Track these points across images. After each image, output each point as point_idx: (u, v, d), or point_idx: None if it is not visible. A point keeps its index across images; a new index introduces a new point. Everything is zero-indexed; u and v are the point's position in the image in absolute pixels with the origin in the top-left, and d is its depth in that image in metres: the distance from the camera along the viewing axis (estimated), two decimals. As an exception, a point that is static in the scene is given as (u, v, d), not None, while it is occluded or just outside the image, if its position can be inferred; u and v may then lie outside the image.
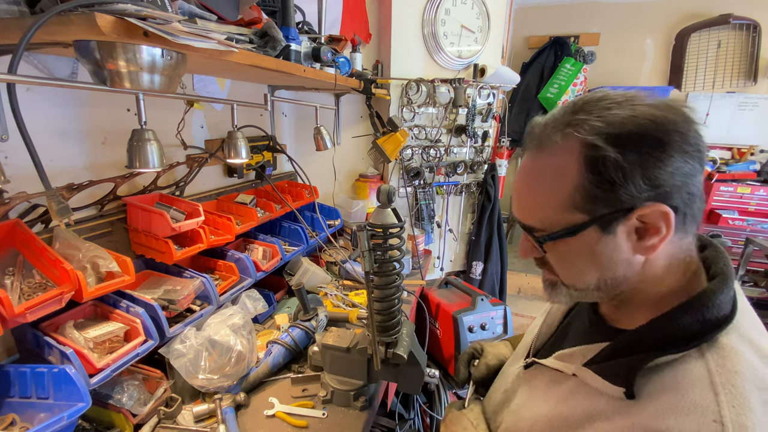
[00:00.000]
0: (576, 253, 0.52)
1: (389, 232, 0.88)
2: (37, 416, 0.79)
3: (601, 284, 0.52)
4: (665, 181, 0.45)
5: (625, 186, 0.45)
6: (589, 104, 0.49)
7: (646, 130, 0.45)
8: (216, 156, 1.44)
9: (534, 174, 0.53)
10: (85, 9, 0.56)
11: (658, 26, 3.03)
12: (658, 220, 0.47)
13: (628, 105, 0.47)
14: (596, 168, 0.46)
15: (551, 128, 0.50)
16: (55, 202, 0.74)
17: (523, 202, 0.55)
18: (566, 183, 0.49)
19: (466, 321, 1.92)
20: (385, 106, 2.21)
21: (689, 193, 0.47)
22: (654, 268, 0.51)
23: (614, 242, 0.49)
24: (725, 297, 0.48)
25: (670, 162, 0.45)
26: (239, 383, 1.11)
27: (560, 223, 0.51)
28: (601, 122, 0.46)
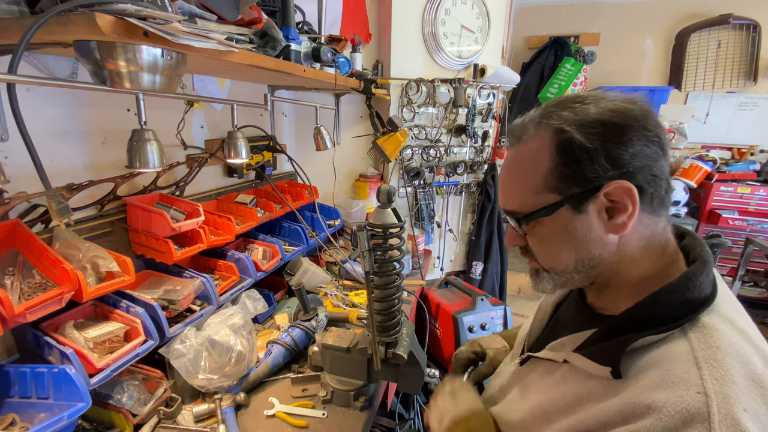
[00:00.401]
0: (552, 233, 0.56)
1: (389, 232, 0.88)
2: (37, 416, 0.79)
3: (579, 265, 0.56)
4: (627, 162, 0.50)
5: (591, 165, 0.50)
6: (563, 101, 0.55)
7: (607, 117, 0.51)
8: (216, 156, 1.44)
9: (514, 163, 0.59)
10: (85, 9, 0.56)
11: (658, 26, 3.03)
12: (623, 197, 0.50)
13: (593, 101, 0.53)
14: (564, 149, 0.52)
15: (528, 122, 0.57)
16: (55, 202, 0.74)
17: (506, 189, 0.60)
18: (540, 166, 0.54)
19: (466, 321, 1.92)
20: (385, 106, 2.21)
21: (653, 175, 0.51)
22: (629, 249, 0.54)
23: (587, 221, 0.53)
24: (705, 279, 0.51)
25: (631, 144, 0.50)
26: (239, 383, 1.11)
27: (537, 204, 0.55)
28: (569, 113, 0.52)
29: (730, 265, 2.83)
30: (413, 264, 2.15)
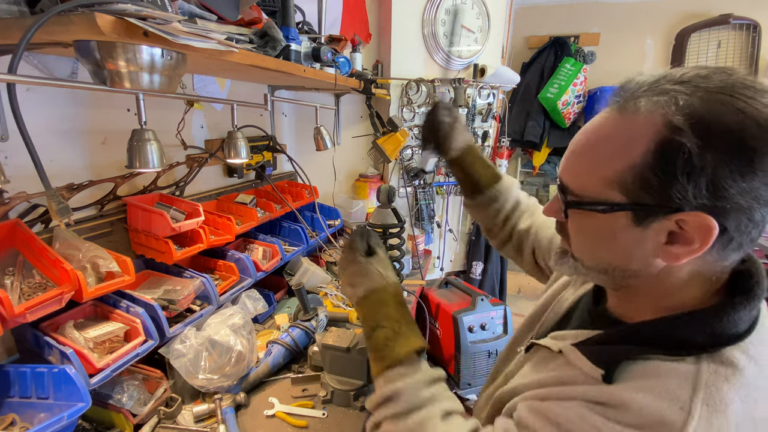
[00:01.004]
0: (597, 230, 0.48)
1: (389, 232, 0.88)
2: (37, 416, 0.79)
3: (610, 270, 0.49)
4: (731, 197, 0.39)
5: (684, 185, 0.40)
6: (700, 78, 0.41)
7: (744, 131, 0.38)
8: (216, 156, 1.44)
9: (600, 134, 0.47)
10: (85, 9, 0.56)
11: (658, 26, 3.02)
12: (696, 233, 0.41)
13: (744, 95, 0.39)
14: (666, 154, 0.40)
15: (644, 91, 0.44)
16: (55, 202, 0.74)
17: (574, 158, 0.49)
18: (626, 157, 0.43)
19: (466, 321, 1.92)
20: (385, 106, 2.21)
21: (750, 220, 0.40)
22: (673, 279, 0.47)
23: (641, 236, 0.44)
24: (744, 315, 0.44)
25: (750, 178, 0.38)
26: (239, 383, 1.11)
27: (597, 196, 0.46)
28: (699, 104, 0.39)
29: (730, 265, 2.83)
30: (413, 264, 2.15)
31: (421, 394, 0.57)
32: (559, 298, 0.69)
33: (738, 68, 0.42)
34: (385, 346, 0.61)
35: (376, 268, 0.67)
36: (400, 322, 0.62)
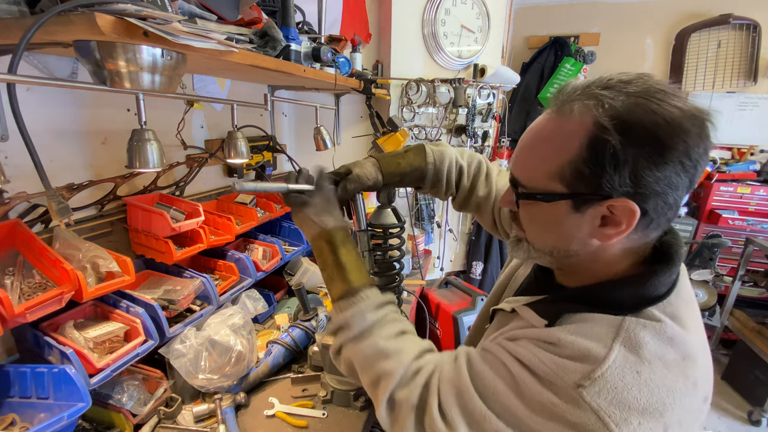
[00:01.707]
0: (543, 217, 0.55)
1: (389, 232, 0.88)
2: (37, 416, 0.79)
3: (554, 251, 0.57)
4: (648, 184, 0.46)
5: (612, 176, 0.47)
6: (622, 84, 0.48)
7: (656, 129, 0.45)
8: (216, 156, 1.44)
9: (542, 133, 0.54)
10: (85, 9, 0.56)
11: (658, 26, 3.02)
12: (622, 215, 0.49)
13: (655, 98, 0.46)
14: (595, 150, 0.47)
15: (577, 95, 0.50)
16: (55, 202, 0.74)
17: (522, 155, 0.56)
18: (564, 153, 0.50)
19: (466, 321, 1.92)
20: (385, 106, 2.21)
21: (665, 203, 0.48)
22: (606, 255, 0.55)
23: (579, 220, 0.52)
24: (664, 280, 0.52)
25: (663, 168, 0.46)
26: (239, 383, 1.11)
27: (542, 188, 0.53)
28: (620, 106, 0.46)
29: (730, 265, 2.83)
30: (413, 264, 2.15)
31: (368, 318, 0.64)
32: (515, 276, 0.78)
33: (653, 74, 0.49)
34: (328, 285, 0.70)
35: (308, 215, 0.71)
36: (332, 267, 0.69)
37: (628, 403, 0.45)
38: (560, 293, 0.59)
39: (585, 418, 0.45)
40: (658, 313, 0.50)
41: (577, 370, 0.47)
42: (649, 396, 0.45)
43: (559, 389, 0.47)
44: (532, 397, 0.48)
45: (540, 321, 0.55)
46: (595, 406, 0.45)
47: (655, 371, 0.46)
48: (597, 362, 0.47)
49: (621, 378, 0.46)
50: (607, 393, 0.45)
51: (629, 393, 0.45)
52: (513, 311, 0.62)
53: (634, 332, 0.48)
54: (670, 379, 0.47)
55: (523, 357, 0.51)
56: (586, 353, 0.48)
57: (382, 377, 0.59)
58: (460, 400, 0.52)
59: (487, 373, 0.53)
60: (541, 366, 0.49)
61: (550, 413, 0.46)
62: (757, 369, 2.42)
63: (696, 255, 2.68)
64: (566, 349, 0.49)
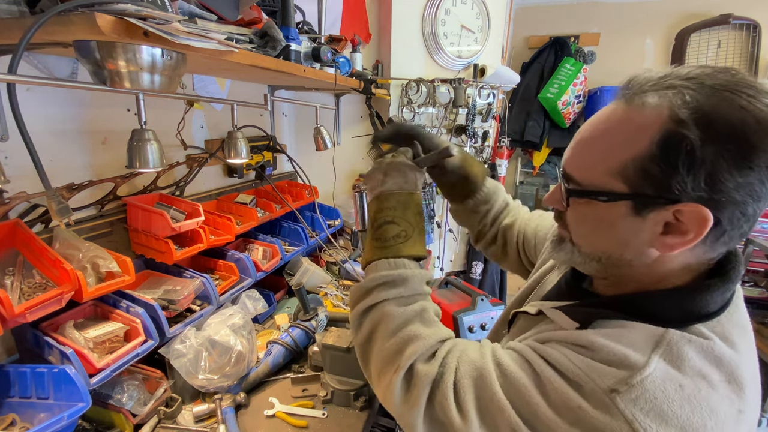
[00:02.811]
0: (597, 219, 0.49)
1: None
2: (37, 416, 0.79)
3: (604, 258, 0.51)
4: (727, 190, 0.40)
5: (684, 177, 0.41)
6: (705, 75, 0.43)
7: (744, 126, 0.39)
8: (216, 156, 1.44)
9: (606, 125, 0.48)
10: (85, 9, 0.56)
11: (658, 26, 3.02)
12: (691, 224, 0.43)
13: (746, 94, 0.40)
14: (669, 146, 0.41)
15: (651, 85, 0.45)
16: (55, 202, 0.74)
17: (579, 148, 0.50)
18: (630, 148, 0.44)
19: (466, 321, 1.91)
20: (385, 106, 2.21)
21: (743, 214, 0.42)
22: (663, 268, 0.48)
23: (639, 225, 0.46)
24: (717, 297, 0.47)
25: (746, 174, 0.40)
26: (239, 383, 1.11)
27: (600, 185, 0.47)
28: (703, 99, 0.41)
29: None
30: (413, 264, 2.14)
31: (424, 287, 0.62)
32: (544, 281, 0.71)
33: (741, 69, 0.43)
34: (395, 240, 0.63)
35: (415, 175, 0.69)
36: (413, 227, 0.65)
37: (667, 418, 0.40)
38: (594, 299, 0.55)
39: (615, 427, 0.40)
40: (707, 331, 0.45)
41: (612, 374, 0.42)
42: (690, 414, 0.40)
43: (589, 393, 0.42)
44: (558, 398, 0.44)
45: (570, 323, 0.51)
46: (629, 416, 0.40)
47: (700, 388, 0.41)
48: (636, 369, 0.42)
49: (662, 389, 0.41)
50: (645, 403, 0.40)
51: (669, 407, 0.40)
52: (539, 314, 0.58)
53: (677, 345, 0.43)
54: (715, 400, 0.41)
55: (550, 357, 0.47)
56: (623, 358, 0.43)
57: (414, 340, 0.55)
58: (478, 382, 0.49)
59: (512, 366, 0.48)
60: (571, 367, 0.45)
61: (576, 417, 0.42)
62: (757, 369, 2.42)
63: (696, 255, 2.68)
64: (600, 353, 0.45)
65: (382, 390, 0.56)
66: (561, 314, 0.53)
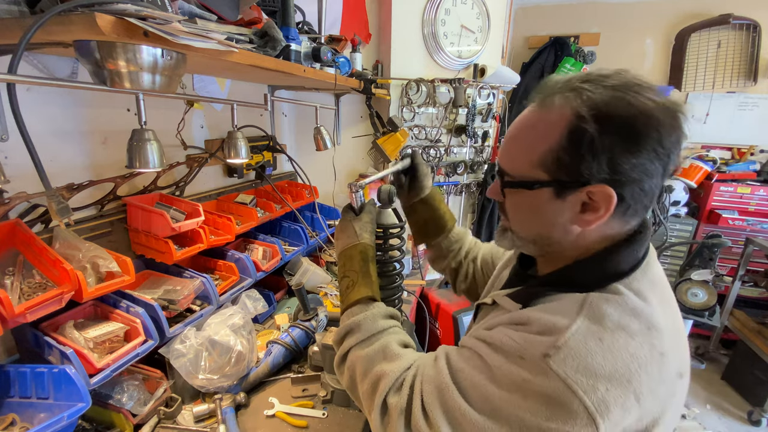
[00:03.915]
0: (527, 205, 0.58)
1: (390, 232, 0.88)
2: (37, 416, 0.79)
3: (537, 239, 0.59)
4: (625, 171, 0.49)
5: (590, 163, 0.49)
6: (600, 78, 0.51)
7: (631, 119, 0.48)
8: (216, 156, 1.44)
9: (526, 124, 0.57)
10: (85, 9, 0.56)
11: (658, 26, 3.02)
12: (601, 201, 0.51)
13: (632, 91, 0.49)
14: (575, 138, 0.50)
15: (558, 88, 0.53)
16: (55, 202, 0.74)
17: (508, 147, 0.59)
18: (545, 142, 0.53)
19: (466, 321, 1.91)
20: (385, 106, 2.21)
21: (641, 189, 0.51)
22: (585, 241, 0.57)
23: (560, 206, 0.54)
24: (626, 256, 0.55)
25: (638, 156, 0.48)
26: (239, 383, 1.11)
27: (525, 176, 0.56)
28: (598, 97, 0.49)
29: (730, 265, 2.82)
30: (413, 264, 2.15)
31: (378, 324, 0.68)
32: (500, 275, 0.81)
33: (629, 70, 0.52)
34: (347, 291, 0.74)
35: (354, 227, 0.79)
36: (358, 274, 0.74)
37: (593, 370, 0.45)
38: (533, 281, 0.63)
39: (554, 387, 0.45)
40: (621, 288, 0.53)
41: (544, 342, 0.48)
42: (613, 362, 0.46)
43: (529, 363, 0.48)
44: (505, 378, 0.49)
45: (515, 306, 0.59)
46: (562, 374, 0.45)
47: (618, 339, 0.48)
48: (561, 332, 0.48)
49: (584, 344, 0.47)
50: (572, 359, 0.46)
51: (593, 359, 0.46)
52: (494, 303, 0.65)
53: (597, 305, 0.50)
54: (634, 346, 0.48)
55: (494, 340, 0.53)
56: (551, 326, 0.50)
57: (381, 379, 0.60)
58: (441, 398, 0.53)
59: (464, 367, 0.54)
60: (512, 343, 0.51)
61: (524, 390, 0.47)
62: (757, 369, 2.42)
63: (696, 255, 2.68)
64: (534, 325, 0.51)
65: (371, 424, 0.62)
66: (507, 299, 0.61)
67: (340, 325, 0.72)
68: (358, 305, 0.71)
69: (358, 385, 0.65)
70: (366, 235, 0.78)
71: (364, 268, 0.74)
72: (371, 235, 0.80)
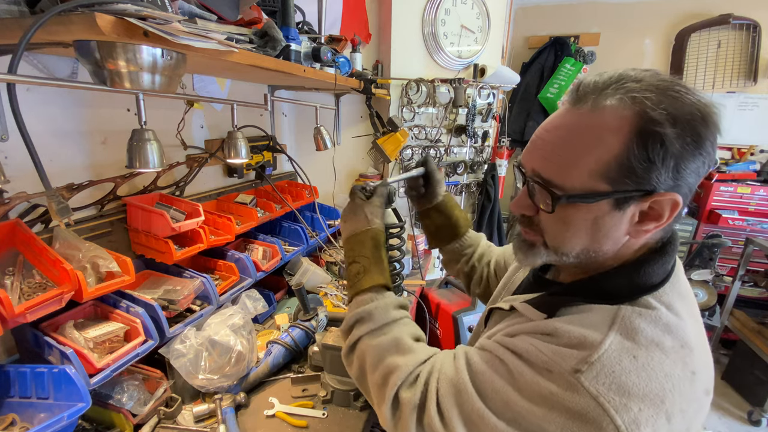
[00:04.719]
0: (579, 219, 0.51)
1: (389, 232, 0.88)
2: (37, 416, 0.79)
3: (583, 254, 0.54)
4: (686, 176, 0.47)
5: (659, 170, 0.46)
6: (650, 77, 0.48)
7: (695, 120, 0.45)
8: (216, 156, 1.44)
9: (574, 128, 0.50)
10: (85, 9, 0.56)
11: (658, 26, 3.02)
12: (665, 208, 0.48)
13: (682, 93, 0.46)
14: (647, 142, 0.45)
15: (609, 89, 0.48)
16: (55, 202, 0.74)
17: (555, 154, 0.51)
18: (607, 148, 0.47)
19: (466, 321, 1.92)
20: (385, 106, 2.21)
21: (690, 191, 0.49)
22: (629, 250, 0.54)
23: (619, 218, 0.50)
24: (657, 268, 0.52)
25: (697, 159, 0.46)
26: (239, 383, 1.11)
27: (584, 188, 0.49)
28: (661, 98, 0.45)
29: (730, 265, 2.82)
30: (413, 264, 2.15)
31: (391, 314, 0.66)
32: (513, 278, 0.77)
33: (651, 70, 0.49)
34: (356, 277, 0.71)
35: (365, 211, 0.76)
36: (370, 260, 0.71)
37: (627, 389, 0.44)
38: (557, 288, 0.59)
39: (584, 404, 0.43)
40: (653, 302, 0.50)
41: (574, 356, 0.46)
42: (647, 381, 0.44)
43: (557, 377, 0.46)
44: (530, 389, 0.47)
45: (538, 315, 0.55)
46: (594, 392, 0.43)
47: (653, 356, 0.46)
48: (593, 347, 0.46)
49: (618, 362, 0.45)
50: (605, 377, 0.44)
51: (627, 378, 0.44)
52: (511, 309, 0.62)
53: (630, 320, 0.48)
54: (668, 365, 0.46)
55: (519, 349, 0.51)
56: (583, 340, 0.47)
57: (393, 372, 0.59)
58: (458, 399, 0.52)
59: (485, 370, 0.52)
60: (539, 355, 0.48)
61: (550, 403, 0.45)
62: (757, 369, 2.42)
63: (696, 255, 2.68)
64: (563, 338, 0.49)
65: (380, 418, 0.60)
66: (530, 307, 0.57)
67: (348, 313, 0.69)
68: (370, 293, 0.68)
69: (368, 376, 0.63)
70: (377, 221, 0.75)
71: (376, 254, 0.71)
72: (382, 220, 0.77)
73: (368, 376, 0.63)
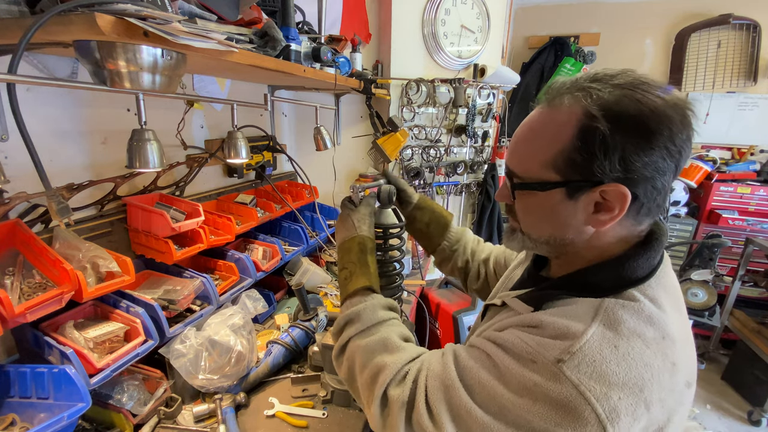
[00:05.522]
0: (539, 207, 0.57)
1: (389, 232, 0.88)
2: (37, 416, 0.79)
3: (551, 240, 0.58)
4: (637, 169, 0.49)
5: (602, 161, 0.49)
6: (608, 77, 0.51)
7: (641, 116, 0.48)
8: (216, 156, 1.44)
9: (536, 126, 0.56)
10: (85, 9, 0.56)
11: (658, 26, 3.02)
12: (615, 200, 0.51)
13: (640, 89, 0.49)
14: (586, 137, 0.49)
15: (566, 89, 0.53)
16: (55, 202, 0.74)
17: (517, 148, 0.59)
18: (557, 143, 0.52)
19: (466, 321, 1.92)
20: (385, 106, 2.21)
21: (654, 187, 0.51)
22: (600, 242, 0.56)
23: (573, 207, 0.54)
24: (642, 262, 0.54)
25: (650, 153, 0.48)
26: (239, 383, 1.11)
27: (537, 177, 0.55)
28: (607, 96, 0.49)
29: (730, 265, 2.83)
30: (413, 264, 2.15)
31: (378, 314, 0.69)
32: (510, 276, 0.80)
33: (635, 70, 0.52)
34: (345, 282, 0.75)
35: (352, 219, 0.80)
36: (356, 264, 0.75)
37: (608, 377, 0.45)
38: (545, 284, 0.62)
39: (566, 393, 0.45)
40: (637, 294, 0.52)
41: (557, 346, 0.48)
42: (627, 370, 0.46)
43: (541, 367, 0.48)
44: (515, 380, 0.49)
45: (526, 308, 0.58)
46: (575, 380, 0.45)
47: (633, 346, 0.47)
48: (576, 337, 0.48)
49: (599, 351, 0.47)
50: (586, 366, 0.46)
51: (608, 366, 0.46)
52: (503, 305, 0.64)
53: (613, 311, 0.50)
54: (649, 355, 0.47)
55: (506, 341, 0.53)
56: (566, 331, 0.49)
57: (382, 370, 0.60)
58: (446, 395, 0.53)
59: (472, 365, 0.54)
60: (524, 346, 0.50)
61: (534, 394, 0.47)
62: (757, 369, 2.42)
63: (696, 255, 2.68)
64: (548, 329, 0.51)
65: (369, 418, 0.61)
66: (518, 302, 0.60)
67: (339, 316, 0.72)
68: (357, 296, 0.71)
69: (357, 377, 0.64)
70: (364, 227, 0.79)
71: (361, 259, 0.75)
72: (369, 227, 0.80)
73: (357, 377, 0.64)
